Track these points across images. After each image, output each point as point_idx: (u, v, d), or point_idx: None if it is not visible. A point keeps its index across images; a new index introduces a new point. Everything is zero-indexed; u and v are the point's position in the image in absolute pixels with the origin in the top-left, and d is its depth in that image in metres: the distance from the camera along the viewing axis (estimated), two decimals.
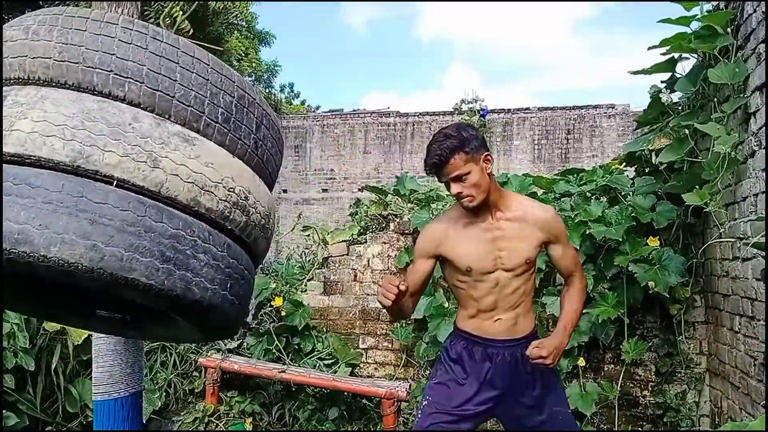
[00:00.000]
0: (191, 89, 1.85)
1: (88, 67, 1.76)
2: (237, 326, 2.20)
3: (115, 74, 1.77)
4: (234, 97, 1.95)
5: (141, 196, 1.73)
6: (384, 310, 5.01)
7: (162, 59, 1.81)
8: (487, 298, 2.41)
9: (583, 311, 4.14)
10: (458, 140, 2.22)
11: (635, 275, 3.91)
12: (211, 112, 1.89)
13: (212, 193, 1.84)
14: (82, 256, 1.59)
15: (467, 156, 2.22)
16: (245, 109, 1.98)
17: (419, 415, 2.49)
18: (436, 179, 2.34)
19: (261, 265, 4.02)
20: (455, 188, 2.27)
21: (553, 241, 2.43)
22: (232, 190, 1.90)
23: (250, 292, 2.14)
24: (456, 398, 2.44)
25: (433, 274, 2.56)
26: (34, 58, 1.77)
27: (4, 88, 1.82)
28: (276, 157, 2.21)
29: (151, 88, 1.80)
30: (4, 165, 1.67)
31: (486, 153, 2.29)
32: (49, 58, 1.76)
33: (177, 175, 1.77)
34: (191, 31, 7.82)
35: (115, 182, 1.71)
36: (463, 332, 2.51)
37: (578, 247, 4.15)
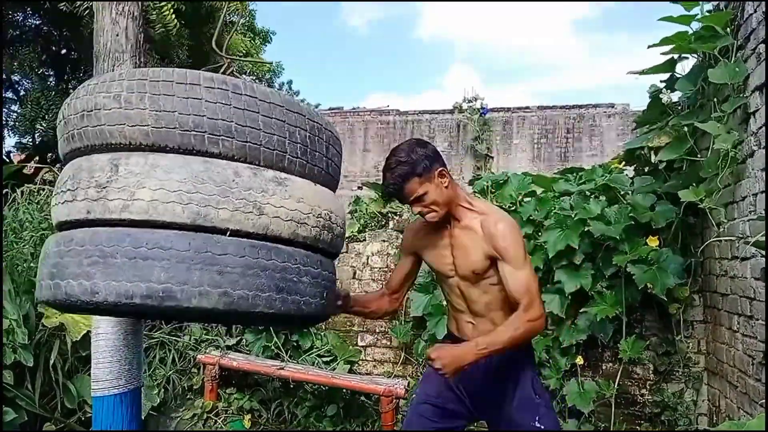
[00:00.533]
0: (273, 134, 2.04)
1: (185, 130, 1.94)
2: (329, 317, 2.49)
3: (210, 134, 1.95)
4: (307, 129, 2.13)
5: (253, 240, 1.96)
6: None
7: (245, 111, 1.99)
8: (456, 300, 2.49)
9: (582, 310, 4.18)
10: (409, 165, 2.27)
11: (633, 276, 3.91)
12: (292, 150, 2.08)
13: (306, 223, 2.08)
14: (217, 302, 1.86)
15: (420, 178, 2.28)
16: (317, 138, 2.17)
17: (410, 407, 2.57)
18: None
19: None
20: (416, 209, 2.35)
21: (497, 257, 2.30)
22: (320, 216, 2.12)
23: (333, 289, 2.38)
24: (439, 391, 2.51)
25: (415, 273, 2.72)
26: (132, 126, 1.95)
27: (114, 155, 1.99)
28: (340, 165, 2.43)
29: (241, 141, 1.98)
30: (137, 229, 1.90)
31: (439, 168, 2.31)
32: (147, 125, 1.94)
33: (278, 216, 2.00)
34: (177, 26, 7.84)
35: (229, 233, 1.93)
36: (448, 330, 2.63)
37: (577, 246, 4.15)
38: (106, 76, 2.10)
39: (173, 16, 7.71)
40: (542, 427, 2.36)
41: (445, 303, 4.51)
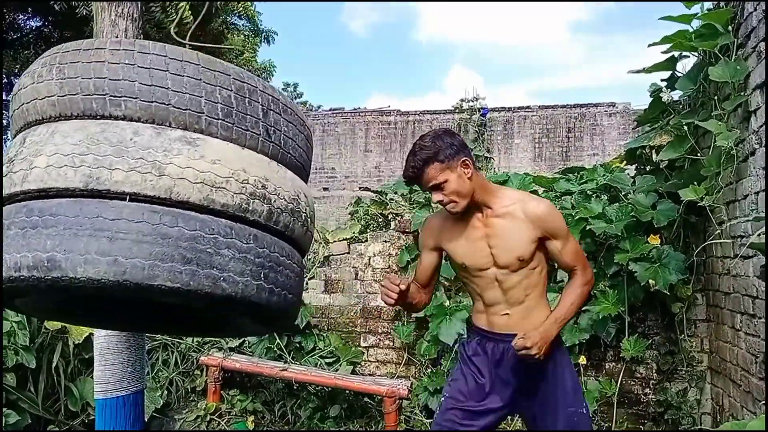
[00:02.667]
0: (185, 93, 1.89)
1: (87, 95, 1.84)
2: (287, 314, 2.23)
3: (111, 96, 1.84)
4: (232, 90, 1.96)
5: (153, 205, 1.80)
6: (387, 308, 5.04)
7: (151, 71, 1.86)
8: (490, 292, 2.42)
9: (584, 309, 4.18)
10: (431, 151, 2.23)
11: (635, 274, 3.91)
12: (211, 110, 1.92)
13: (224, 188, 1.88)
14: (107, 272, 1.70)
15: (442, 165, 2.24)
16: (247, 99, 1.99)
17: (438, 410, 2.51)
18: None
19: None
20: (436, 197, 2.31)
21: (548, 237, 2.36)
22: (245, 181, 1.92)
23: (295, 278, 2.17)
24: (471, 394, 2.45)
25: (441, 266, 2.63)
26: (42, 98, 1.88)
27: (27, 130, 1.93)
28: (297, 138, 2.20)
29: (146, 101, 1.86)
30: (30, 201, 1.80)
31: (463, 158, 2.27)
32: (54, 95, 1.86)
33: (184, 178, 1.82)
34: (192, 23, 7.84)
35: (128, 197, 1.78)
36: (476, 328, 2.53)
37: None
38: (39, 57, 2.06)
39: (189, 12, 7.70)
40: (585, 411, 2.43)
41: (449, 301, 4.57)
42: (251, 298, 1.94)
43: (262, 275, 1.95)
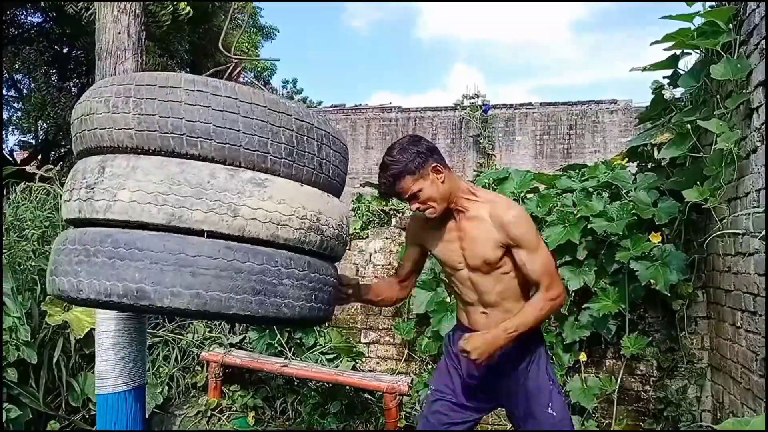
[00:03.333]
0: (254, 135, 2.04)
1: (165, 133, 1.99)
2: (327, 320, 2.45)
3: (188, 136, 1.99)
4: (293, 129, 2.12)
5: (228, 242, 1.98)
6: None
7: (224, 113, 2.01)
8: (467, 292, 2.48)
9: (585, 306, 4.19)
10: (400, 165, 2.27)
11: (636, 273, 3.92)
12: (276, 150, 2.07)
13: (287, 225, 2.06)
14: (189, 303, 1.91)
15: (413, 176, 2.27)
16: (305, 137, 2.15)
17: (424, 405, 2.56)
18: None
19: None
20: (414, 205, 2.35)
21: (512, 244, 2.32)
22: (304, 217, 2.11)
23: (332, 290, 2.37)
24: (456, 387, 2.51)
25: (422, 262, 2.72)
26: (119, 129, 2.02)
27: (104, 157, 2.08)
28: (341, 166, 2.38)
29: (220, 143, 2.00)
30: (114, 231, 1.99)
31: (434, 164, 2.29)
32: (131, 128, 2.01)
33: (255, 218, 2.00)
34: (191, 12, 7.82)
35: (205, 234, 1.96)
36: (459, 323, 2.60)
37: (579, 242, 4.16)
38: (101, 81, 2.21)
39: (185, 4, 7.67)
40: (554, 413, 2.40)
41: (450, 298, 4.58)
42: (305, 318, 2.17)
43: (313, 297, 2.17)
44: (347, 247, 2.49)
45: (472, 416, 2.53)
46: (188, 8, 7.62)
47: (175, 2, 7.47)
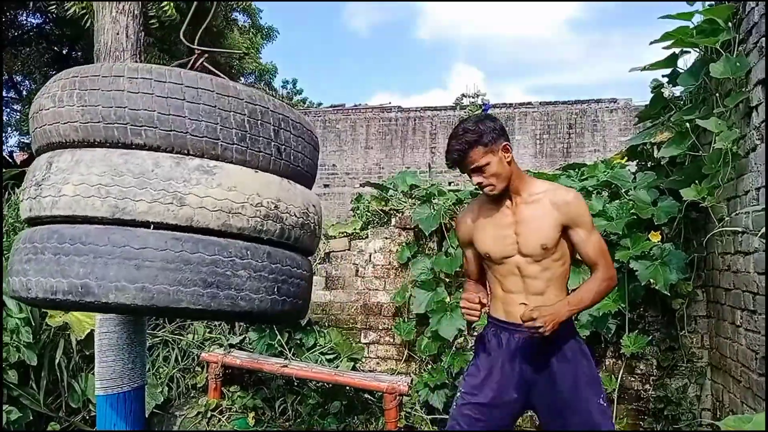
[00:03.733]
0: (201, 120, 1.97)
1: (108, 123, 1.94)
2: (299, 315, 2.39)
3: (132, 125, 1.93)
4: (245, 113, 2.04)
5: (176, 233, 1.91)
6: (385, 305, 5.04)
7: (169, 99, 1.95)
8: (510, 280, 2.44)
9: None
10: (476, 134, 2.28)
11: (636, 273, 3.91)
12: (226, 135, 2.00)
13: (240, 213, 1.98)
14: (135, 297, 1.85)
15: (485, 149, 2.29)
16: (259, 121, 2.07)
17: (454, 406, 2.52)
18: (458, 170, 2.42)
19: None
20: (476, 179, 2.35)
21: (571, 225, 2.38)
22: (259, 204, 2.03)
23: (305, 284, 2.28)
24: (486, 388, 2.45)
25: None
26: (65, 123, 1.98)
27: (51, 153, 2.04)
28: (305, 151, 2.29)
29: (165, 131, 1.94)
30: (60, 227, 1.94)
31: (505, 143, 2.33)
32: (76, 121, 1.96)
33: (203, 207, 1.93)
34: (177, 19, 7.83)
35: (152, 226, 1.90)
36: (493, 319, 2.54)
37: None
38: (53, 77, 2.15)
39: (173, 9, 7.70)
40: (605, 404, 2.41)
41: (449, 297, 4.57)
42: (267, 311, 2.08)
43: (276, 289, 2.08)
44: (317, 237, 2.36)
45: (502, 416, 2.46)
46: (173, 11, 7.64)
47: (162, 4, 7.49)
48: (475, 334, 2.76)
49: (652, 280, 3.87)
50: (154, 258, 1.86)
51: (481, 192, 2.44)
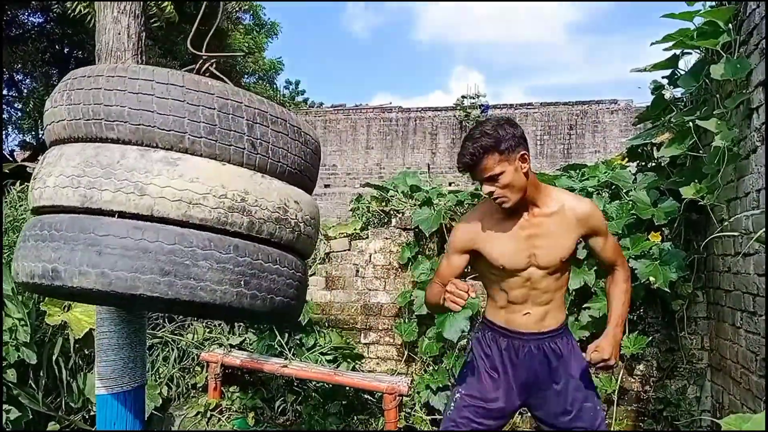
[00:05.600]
0: (169, 114, 2.03)
1: (88, 120, 2.05)
2: (278, 316, 2.33)
3: (106, 121, 2.03)
4: (215, 108, 2.07)
5: (137, 221, 1.99)
6: (385, 305, 5.04)
7: (139, 95, 2.03)
8: (518, 291, 2.37)
9: (584, 306, 4.19)
10: (493, 139, 2.13)
11: (636, 271, 3.91)
12: (193, 129, 2.04)
13: (201, 204, 2.02)
14: (96, 282, 1.92)
15: (501, 156, 2.14)
16: (230, 116, 2.10)
17: (452, 407, 2.47)
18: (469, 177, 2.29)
19: None
20: (487, 188, 2.21)
21: (591, 234, 2.36)
22: (223, 196, 2.05)
23: (287, 280, 2.26)
24: (486, 391, 2.43)
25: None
26: (58, 122, 2.11)
27: (48, 150, 2.19)
28: (289, 146, 2.28)
29: (134, 125, 2.03)
30: (43, 216, 2.08)
31: (523, 152, 2.19)
32: (64, 119, 2.09)
33: (163, 197, 1.98)
34: (175, 17, 7.83)
35: (117, 215, 1.98)
36: (492, 324, 2.48)
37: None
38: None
39: (172, 9, 7.71)
40: (601, 409, 2.43)
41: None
42: (231, 304, 2.08)
43: (242, 282, 2.08)
44: (302, 234, 2.31)
45: (499, 421, 2.46)
46: (172, 11, 7.64)
47: (162, 4, 7.50)
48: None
49: (651, 279, 3.86)
50: (115, 245, 1.93)
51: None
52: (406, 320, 4.95)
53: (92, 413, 3.91)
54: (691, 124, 3.61)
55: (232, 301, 2.07)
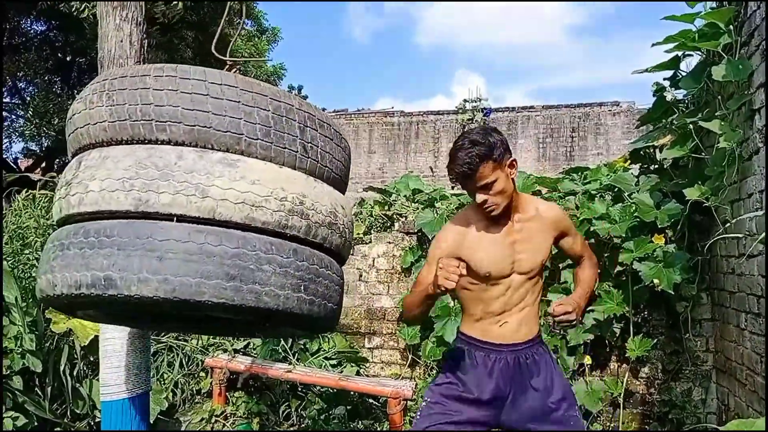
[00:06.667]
0: (225, 115, 1.97)
1: (135, 121, 1.96)
2: (327, 321, 2.29)
3: (157, 122, 1.95)
4: (269, 110, 2.03)
5: (199, 225, 1.91)
6: (389, 309, 5.04)
7: (193, 95, 1.96)
8: (497, 301, 2.34)
9: (589, 309, 4.18)
10: (486, 147, 2.11)
11: (640, 273, 3.91)
12: (249, 130, 1.99)
13: (264, 207, 1.96)
14: (158, 289, 1.82)
15: (494, 164, 2.12)
16: (284, 118, 2.06)
17: (417, 416, 2.40)
18: (460, 186, 2.27)
19: None
20: (481, 197, 2.18)
21: (562, 234, 2.45)
22: (284, 199, 2.00)
23: (335, 286, 2.24)
24: (457, 403, 2.36)
25: None
26: (95, 124, 2.01)
27: (81, 155, 2.08)
28: (334, 152, 2.27)
29: (189, 125, 1.95)
30: (87, 223, 1.95)
31: (511, 159, 2.19)
32: (105, 121, 1.99)
33: (226, 199, 1.92)
34: (182, 11, 7.83)
35: (175, 218, 1.89)
36: (467, 337, 2.44)
37: None
38: (87, 84, 2.20)
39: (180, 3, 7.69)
40: (577, 414, 2.38)
41: (454, 302, 4.57)
42: (292, 310, 2.03)
43: (302, 287, 2.04)
44: (347, 240, 2.31)
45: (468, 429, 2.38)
46: (180, 6, 7.64)
47: (172, 3, 7.50)
48: None
49: (655, 281, 3.86)
50: (177, 250, 1.85)
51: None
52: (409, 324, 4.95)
53: (98, 420, 3.92)
54: (693, 126, 3.61)
55: (293, 306, 2.02)
